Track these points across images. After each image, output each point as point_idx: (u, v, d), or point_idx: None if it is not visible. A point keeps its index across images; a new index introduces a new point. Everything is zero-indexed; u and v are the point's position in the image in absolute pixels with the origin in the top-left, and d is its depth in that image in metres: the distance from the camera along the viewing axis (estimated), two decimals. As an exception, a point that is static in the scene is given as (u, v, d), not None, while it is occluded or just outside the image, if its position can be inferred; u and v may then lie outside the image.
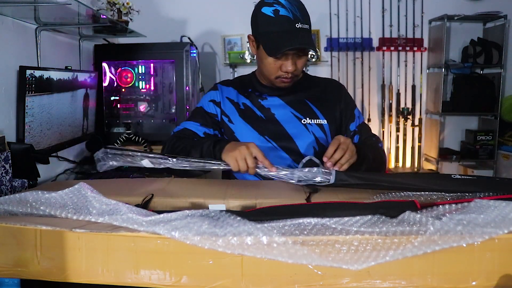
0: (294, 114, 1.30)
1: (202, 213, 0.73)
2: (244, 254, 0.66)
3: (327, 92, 1.36)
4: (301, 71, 1.27)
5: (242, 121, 1.30)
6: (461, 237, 0.65)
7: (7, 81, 1.60)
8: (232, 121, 1.31)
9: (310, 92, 1.34)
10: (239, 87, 1.36)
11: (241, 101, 1.33)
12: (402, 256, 0.64)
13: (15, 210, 0.79)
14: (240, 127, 1.30)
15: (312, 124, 1.29)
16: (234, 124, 1.31)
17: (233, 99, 1.34)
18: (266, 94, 1.33)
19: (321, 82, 1.40)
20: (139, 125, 2.47)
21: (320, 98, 1.34)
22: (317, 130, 1.29)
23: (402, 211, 0.73)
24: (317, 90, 1.36)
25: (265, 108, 1.31)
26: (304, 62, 1.24)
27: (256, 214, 0.77)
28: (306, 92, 1.34)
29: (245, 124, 1.29)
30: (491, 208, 0.70)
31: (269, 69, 1.24)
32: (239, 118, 1.31)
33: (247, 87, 1.36)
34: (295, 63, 1.21)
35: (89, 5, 1.84)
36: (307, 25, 1.18)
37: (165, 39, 2.75)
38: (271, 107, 1.31)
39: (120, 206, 0.76)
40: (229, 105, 1.33)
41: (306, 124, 1.29)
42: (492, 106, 3.31)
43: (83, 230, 0.71)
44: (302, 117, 1.30)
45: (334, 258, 0.64)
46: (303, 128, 1.29)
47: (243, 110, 1.32)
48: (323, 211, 0.76)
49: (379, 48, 3.43)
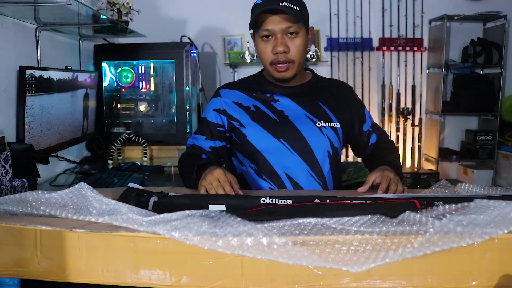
0: (309, 116, 1.28)
1: (202, 213, 0.73)
2: (244, 255, 0.66)
3: (338, 94, 1.35)
4: (297, 56, 1.22)
5: (254, 124, 1.27)
6: (461, 237, 0.65)
7: (7, 81, 1.60)
8: (244, 125, 1.28)
9: (322, 94, 1.32)
10: (245, 89, 1.33)
11: (251, 103, 1.30)
12: (402, 257, 0.64)
13: (15, 210, 0.79)
14: (253, 131, 1.27)
15: (327, 127, 1.28)
16: (246, 128, 1.27)
17: (241, 103, 1.30)
18: (277, 94, 1.29)
19: (332, 84, 1.39)
20: (139, 125, 2.47)
21: (332, 100, 1.32)
22: (331, 134, 1.28)
23: (402, 211, 0.73)
24: (328, 92, 1.33)
25: (278, 111, 1.28)
26: (299, 45, 1.21)
27: (256, 214, 0.77)
28: (318, 93, 1.32)
29: (258, 127, 1.26)
30: (491, 208, 0.70)
31: (263, 55, 1.22)
32: (251, 121, 1.27)
33: (254, 88, 1.32)
34: (286, 44, 1.19)
35: (89, 5, 1.84)
36: (297, 6, 1.16)
37: (165, 39, 2.74)
38: (284, 109, 1.28)
39: (120, 206, 0.77)
40: (238, 109, 1.29)
41: (321, 127, 1.27)
42: (492, 106, 3.31)
43: (83, 230, 0.71)
44: (317, 120, 1.27)
45: (334, 259, 0.64)
46: (318, 131, 1.26)
47: (255, 113, 1.28)
48: (323, 211, 0.76)
49: (379, 48, 3.43)
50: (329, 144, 1.27)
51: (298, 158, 1.24)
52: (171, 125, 2.47)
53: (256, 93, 1.31)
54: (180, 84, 2.40)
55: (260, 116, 1.27)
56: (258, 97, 1.30)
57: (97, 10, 1.91)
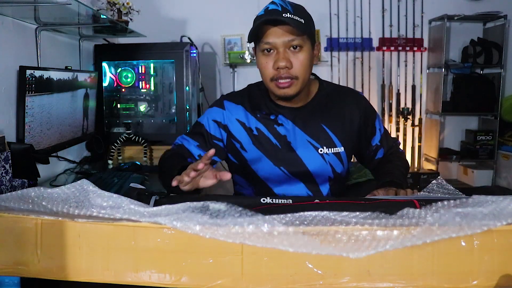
0: (311, 142, 1.22)
1: (203, 205, 0.73)
2: (244, 243, 0.66)
3: (346, 111, 1.25)
4: (301, 72, 1.13)
5: (256, 150, 1.22)
6: (460, 228, 0.65)
7: (7, 81, 1.60)
8: (246, 149, 1.24)
9: (327, 114, 1.24)
10: (249, 107, 1.25)
11: (253, 125, 1.24)
12: (402, 245, 0.64)
13: (16, 207, 0.79)
14: (254, 157, 1.23)
15: (329, 153, 1.23)
16: (247, 152, 1.24)
17: (244, 122, 1.24)
18: (281, 117, 1.22)
19: (340, 95, 1.28)
20: (139, 125, 2.47)
21: (338, 120, 1.24)
22: (334, 160, 1.23)
23: (401, 209, 0.73)
24: (335, 109, 1.25)
25: (281, 136, 1.22)
26: (303, 60, 1.12)
27: (258, 210, 0.77)
28: (323, 113, 1.24)
29: (260, 154, 1.22)
30: (488, 202, 0.71)
31: (263, 70, 1.15)
32: (253, 146, 1.23)
33: (258, 107, 1.25)
34: (288, 58, 1.10)
35: (89, 5, 1.84)
36: (301, 18, 1.09)
37: (165, 39, 2.74)
38: (287, 134, 1.22)
39: (122, 199, 0.77)
40: (240, 129, 1.24)
41: (323, 153, 1.22)
42: (492, 106, 3.31)
43: (84, 220, 0.71)
44: (319, 146, 1.22)
45: (334, 247, 0.64)
46: (320, 158, 1.22)
47: (257, 137, 1.23)
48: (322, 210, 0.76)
49: (379, 48, 3.43)
50: (331, 171, 1.24)
51: (299, 183, 1.24)
52: (171, 125, 2.47)
53: (260, 113, 1.24)
54: (180, 84, 2.40)
55: (263, 141, 1.23)
56: (262, 119, 1.24)
57: (97, 10, 1.91)
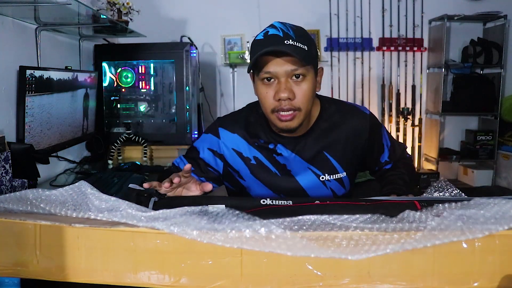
0: (312, 170, 1.18)
1: (201, 209, 0.73)
2: (242, 248, 0.66)
3: (350, 134, 1.19)
4: (304, 103, 1.06)
5: (254, 179, 1.19)
6: (462, 232, 0.64)
7: (7, 81, 1.60)
8: (243, 178, 1.20)
9: (329, 139, 1.18)
10: (247, 135, 1.19)
11: (251, 154, 1.18)
12: (402, 249, 0.63)
13: (15, 208, 0.79)
14: (252, 185, 1.20)
15: (331, 180, 1.19)
16: (245, 181, 1.20)
17: (241, 152, 1.18)
18: (280, 145, 1.16)
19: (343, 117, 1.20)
20: (139, 125, 2.47)
21: (340, 144, 1.18)
22: (335, 185, 1.20)
23: (402, 211, 0.73)
24: (337, 134, 1.18)
25: (280, 164, 1.18)
26: (307, 90, 1.05)
27: (256, 214, 0.77)
28: (325, 139, 1.18)
29: (258, 183, 1.19)
30: (490, 205, 0.70)
31: (263, 100, 1.07)
32: (251, 176, 1.19)
33: (256, 135, 1.18)
34: (291, 89, 1.03)
35: (89, 5, 1.84)
36: (304, 45, 1.02)
37: (165, 39, 2.74)
38: (286, 163, 1.17)
39: (119, 203, 0.76)
40: (237, 159, 1.19)
41: (324, 180, 1.19)
42: (492, 106, 3.31)
43: (82, 225, 0.71)
44: (321, 173, 1.18)
45: (334, 251, 0.64)
46: (321, 185, 1.19)
47: (255, 166, 1.18)
48: (323, 211, 0.76)
49: (379, 48, 3.43)
50: (332, 195, 1.22)
51: None
52: (171, 125, 2.47)
53: (258, 141, 1.18)
54: (180, 84, 2.40)
55: (261, 170, 1.18)
56: (259, 147, 1.18)
57: (97, 10, 1.91)
